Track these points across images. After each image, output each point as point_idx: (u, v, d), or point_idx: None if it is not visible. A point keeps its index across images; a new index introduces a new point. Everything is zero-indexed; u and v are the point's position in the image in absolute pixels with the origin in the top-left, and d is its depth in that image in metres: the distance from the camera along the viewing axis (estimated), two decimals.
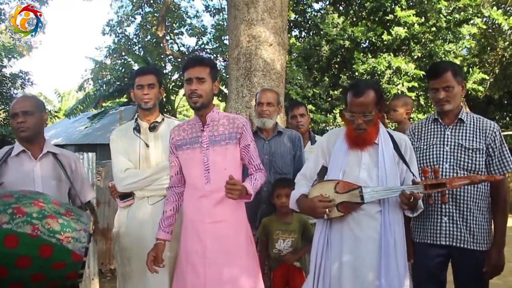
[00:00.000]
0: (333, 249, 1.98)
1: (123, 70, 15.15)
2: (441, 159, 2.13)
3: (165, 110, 14.90)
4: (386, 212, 1.93)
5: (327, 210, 1.92)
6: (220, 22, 15.41)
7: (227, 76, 4.89)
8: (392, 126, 7.07)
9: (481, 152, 2.09)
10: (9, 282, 1.73)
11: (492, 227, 2.15)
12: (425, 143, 2.21)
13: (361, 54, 9.32)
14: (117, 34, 15.62)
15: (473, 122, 2.15)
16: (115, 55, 15.95)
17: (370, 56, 9.26)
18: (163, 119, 2.55)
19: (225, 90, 12.67)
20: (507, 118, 14.05)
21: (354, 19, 10.07)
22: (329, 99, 9.82)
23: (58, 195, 2.21)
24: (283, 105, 4.56)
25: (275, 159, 2.85)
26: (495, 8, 9.72)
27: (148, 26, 15.30)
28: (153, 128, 2.49)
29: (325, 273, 1.97)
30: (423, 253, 2.16)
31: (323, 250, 2.00)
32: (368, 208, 1.94)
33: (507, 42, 10.84)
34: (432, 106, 9.76)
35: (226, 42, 13.99)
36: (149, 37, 15.53)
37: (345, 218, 1.97)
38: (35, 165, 2.21)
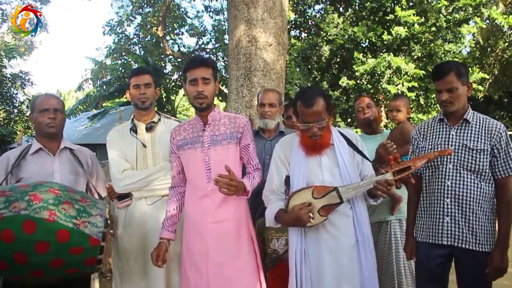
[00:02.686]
0: (311, 254, 2.01)
1: (123, 70, 15.16)
2: (445, 159, 2.12)
3: (165, 110, 14.91)
4: (356, 206, 2.02)
5: (311, 214, 1.95)
6: (221, 22, 15.42)
7: (227, 76, 4.89)
8: (391, 127, 7.07)
9: (485, 153, 2.06)
10: (30, 268, 1.77)
11: (497, 228, 2.13)
12: (430, 143, 2.20)
13: (361, 54, 9.32)
14: (117, 34, 15.61)
15: (479, 122, 2.12)
16: (115, 55, 15.95)
17: (370, 56, 9.26)
18: (159, 119, 2.55)
19: (225, 90, 12.67)
20: (507, 118, 14.07)
21: (354, 19, 10.07)
22: None
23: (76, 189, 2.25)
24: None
25: None
26: (494, 7, 9.72)
27: (148, 26, 15.30)
28: (149, 128, 2.49)
29: (306, 279, 2.01)
30: (425, 252, 2.17)
31: (301, 258, 2.02)
32: (341, 208, 1.99)
33: (507, 43, 10.85)
34: (432, 106, 9.77)
35: (226, 42, 13.99)
36: (149, 37, 15.52)
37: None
38: (54, 161, 2.26)
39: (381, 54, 9.28)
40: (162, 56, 15.62)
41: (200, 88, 2.10)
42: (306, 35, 11.36)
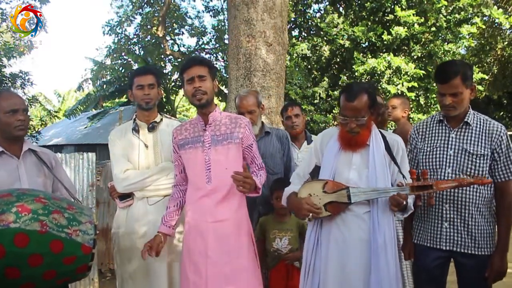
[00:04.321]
0: (323, 248, 2.02)
1: (123, 70, 15.13)
2: (444, 163, 2.07)
3: (165, 110, 14.89)
4: (375, 213, 1.95)
5: (310, 214, 1.95)
6: (220, 22, 15.41)
7: (227, 76, 4.89)
8: (391, 127, 7.06)
9: (485, 157, 2.01)
10: (21, 282, 1.71)
11: (496, 230, 2.11)
12: (428, 145, 2.15)
13: (361, 54, 9.33)
14: (117, 34, 15.59)
15: (480, 125, 2.06)
16: (115, 55, 15.93)
17: (370, 56, 9.27)
18: (161, 119, 2.55)
19: (225, 90, 12.66)
20: (507, 119, 14.07)
21: (354, 19, 10.08)
22: (329, 99, 9.84)
23: None
24: (282, 102, 4.56)
25: (265, 159, 2.83)
26: (495, 7, 9.72)
27: (148, 26, 15.28)
28: (152, 128, 2.49)
29: (314, 271, 2.01)
30: (423, 254, 2.14)
31: (313, 249, 2.03)
32: (356, 209, 1.97)
33: (506, 42, 10.85)
34: (432, 106, 9.77)
35: (226, 42, 13.98)
36: (149, 37, 15.51)
37: (333, 218, 2.00)
38: (19, 164, 2.13)
39: (381, 54, 9.28)
40: (162, 56, 15.60)
41: (197, 84, 2.12)
42: (306, 35, 11.36)
